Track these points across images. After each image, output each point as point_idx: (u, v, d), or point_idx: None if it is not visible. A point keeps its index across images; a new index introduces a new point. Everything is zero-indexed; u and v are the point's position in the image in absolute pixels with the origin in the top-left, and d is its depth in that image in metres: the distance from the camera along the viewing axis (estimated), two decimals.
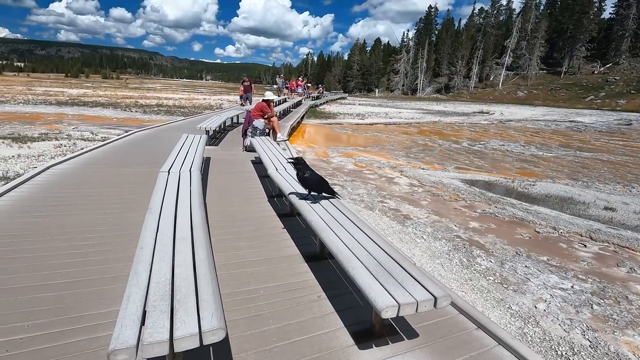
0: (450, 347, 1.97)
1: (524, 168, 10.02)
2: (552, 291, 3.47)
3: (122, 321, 1.36)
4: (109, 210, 3.59)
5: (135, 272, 1.71)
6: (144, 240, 2.07)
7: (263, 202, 4.20)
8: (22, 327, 1.89)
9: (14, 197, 3.80)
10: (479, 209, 5.91)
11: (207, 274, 1.73)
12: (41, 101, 20.43)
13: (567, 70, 53.49)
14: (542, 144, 14.68)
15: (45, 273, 2.39)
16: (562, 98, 47.74)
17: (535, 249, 4.46)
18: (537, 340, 2.76)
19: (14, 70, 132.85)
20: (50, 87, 37.73)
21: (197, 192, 3.03)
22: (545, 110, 35.36)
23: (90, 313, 2.04)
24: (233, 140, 8.48)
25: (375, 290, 1.70)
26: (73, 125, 12.22)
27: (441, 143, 13.82)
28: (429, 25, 69.28)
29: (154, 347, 1.28)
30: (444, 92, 60.71)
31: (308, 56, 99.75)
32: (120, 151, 6.61)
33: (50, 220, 3.25)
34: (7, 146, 7.91)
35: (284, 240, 3.21)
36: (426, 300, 1.68)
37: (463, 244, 4.47)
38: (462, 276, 3.68)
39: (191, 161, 4.19)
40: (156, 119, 14.72)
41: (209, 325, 1.38)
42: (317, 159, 9.47)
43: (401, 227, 4.93)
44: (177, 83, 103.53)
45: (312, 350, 1.88)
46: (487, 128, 20.15)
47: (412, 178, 7.86)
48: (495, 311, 3.11)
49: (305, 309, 2.23)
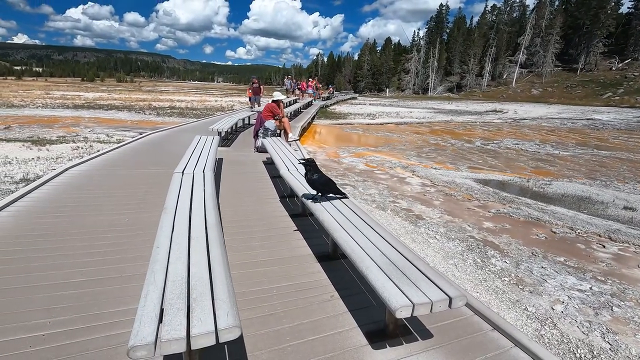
0: (466, 348, 1.95)
1: (539, 167, 9.83)
2: (569, 292, 3.40)
3: (140, 318, 1.39)
4: (124, 211, 3.67)
5: (152, 270, 1.74)
6: (160, 240, 2.11)
7: (275, 203, 4.23)
8: (44, 324, 1.95)
9: (35, 197, 3.92)
10: (493, 208, 5.82)
11: (222, 273, 1.75)
12: (59, 105, 20.98)
13: (583, 66, 52.19)
14: (558, 143, 14.37)
15: (66, 271, 2.46)
16: (578, 95, 46.59)
17: (551, 250, 4.37)
18: (555, 342, 2.71)
19: (33, 75, 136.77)
20: (67, 91, 38.71)
21: (210, 193, 3.07)
22: (561, 108, 34.58)
23: (109, 311, 2.09)
24: (245, 142, 8.56)
25: (389, 290, 1.70)
26: (89, 127, 12.52)
27: (453, 142, 13.65)
28: (440, 23, 68.54)
29: (172, 344, 1.31)
30: (456, 91, 59.95)
31: (318, 57, 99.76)
32: (135, 153, 6.74)
33: (70, 221, 3.34)
34: (27, 149, 8.15)
35: (296, 240, 3.23)
36: (441, 301, 1.67)
37: (477, 244, 4.41)
38: (477, 277, 3.63)
39: (204, 162, 4.24)
40: (169, 121, 14.95)
41: (224, 323, 1.40)
42: (328, 159, 9.47)
43: (413, 227, 4.89)
44: (189, 85, 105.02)
45: (325, 350, 1.89)
46: (501, 127, 19.83)
47: (424, 178, 7.79)
48: (511, 312, 3.06)
49: (318, 309, 2.23)
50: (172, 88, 66.76)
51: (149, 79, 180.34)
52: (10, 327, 1.90)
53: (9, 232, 3.03)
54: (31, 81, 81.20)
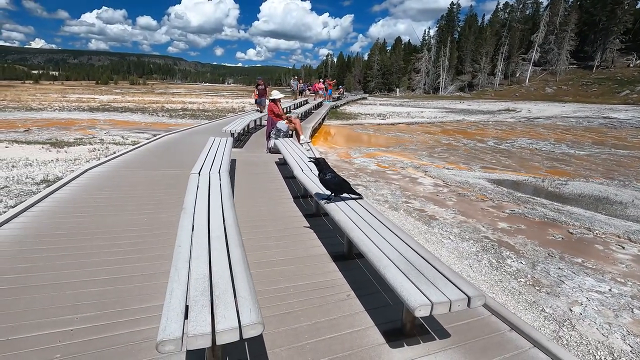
0: (484, 348, 1.95)
1: (554, 167, 9.66)
2: (588, 294, 3.34)
3: (167, 314, 1.44)
4: (143, 211, 3.76)
5: (176, 268, 1.80)
6: (181, 238, 2.16)
7: (289, 203, 4.27)
8: (72, 320, 2.02)
9: (57, 198, 4.05)
10: (508, 209, 5.76)
11: (242, 272, 1.80)
12: (75, 107, 21.49)
13: (599, 64, 50.98)
14: (574, 142, 14.09)
15: (90, 269, 2.54)
16: (594, 93, 45.53)
17: (568, 251, 4.30)
18: (574, 344, 2.67)
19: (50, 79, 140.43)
20: (83, 94, 39.60)
21: (227, 194, 3.12)
22: (576, 107, 33.85)
23: (132, 308, 2.15)
24: (257, 143, 8.64)
25: (408, 289, 1.71)
26: (105, 130, 12.80)
27: (466, 142, 13.51)
28: (451, 22, 67.80)
29: (198, 339, 1.35)
30: (467, 90, 59.22)
31: (328, 57, 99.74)
32: (150, 154, 6.88)
33: (91, 220, 3.44)
34: (47, 151, 8.38)
35: (311, 239, 3.26)
36: (459, 300, 1.68)
37: (492, 245, 4.37)
38: (492, 277, 3.61)
39: (219, 163, 4.31)
40: (182, 123, 15.18)
41: (248, 319, 1.43)
42: (339, 159, 9.49)
43: (427, 228, 4.87)
44: (200, 87, 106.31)
45: (343, 348, 1.91)
46: (514, 126, 19.53)
47: (436, 178, 7.75)
48: (528, 314, 3.03)
49: (334, 308, 2.26)
50: (184, 90, 67.68)
51: (161, 82, 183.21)
52: (41, 323, 1.98)
53: (33, 232, 3.14)
54: (48, 85, 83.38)
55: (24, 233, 3.10)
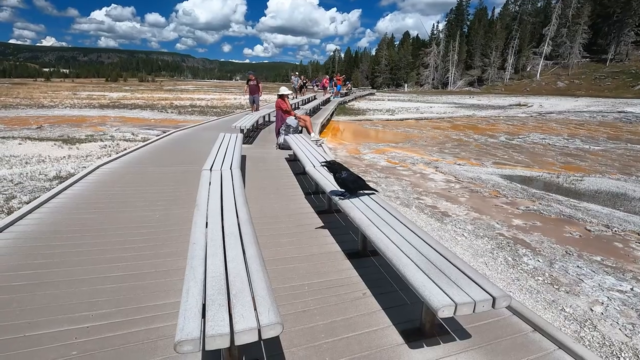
0: (506, 349, 1.89)
1: (569, 162, 9.45)
2: (609, 293, 3.25)
3: (184, 313, 1.41)
4: (155, 207, 3.75)
5: (191, 266, 1.77)
6: (195, 236, 2.13)
7: (300, 199, 4.23)
8: (87, 316, 2.01)
9: (70, 194, 4.07)
10: (522, 205, 5.64)
11: (259, 270, 1.76)
12: (85, 105, 21.72)
13: (613, 57, 49.74)
14: (588, 137, 13.78)
15: (104, 266, 2.54)
16: (607, 87, 44.50)
17: (587, 249, 4.19)
18: (596, 345, 2.60)
19: (60, 76, 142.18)
20: (93, 91, 40.01)
21: (240, 190, 3.09)
22: (590, 101, 33.14)
23: (147, 305, 2.14)
24: (266, 139, 8.61)
25: (430, 289, 1.66)
26: (115, 126, 12.90)
27: (476, 138, 13.31)
28: (461, 16, 66.77)
29: (216, 339, 1.32)
30: (477, 85, 58.37)
31: (335, 53, 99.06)
32: (160, 151, 6.89)
33: (104, 217, 3.45)
34: (59, 147, 8.47)
35: (324, 237, 3.21)
36: (484, 301, 1.62)
37: (507, 242, 4.28)
38: (509, 276, 3.53)
39: (230, 159, 4.28)
40: (191, 119, 15.22)
41: (266, 320, 1.40)
42: (348, 155, 9.41)
43: (440, 225, 4.79)
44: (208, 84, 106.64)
45: (361, 348, 1.87)
46: (526, 121, 19.18)
47: (447, 174, 7.63)
48: (547, 313, 2.95)
49: (351, 306, 2.22)
50: (192, 87, 67.95)
51: (170, 78, 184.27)
52: (57, 319, 1.98)
53: (48, 228, 3.16)
54: (59, 82, 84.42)
55: (39, 229, 3.11)
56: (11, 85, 53.29)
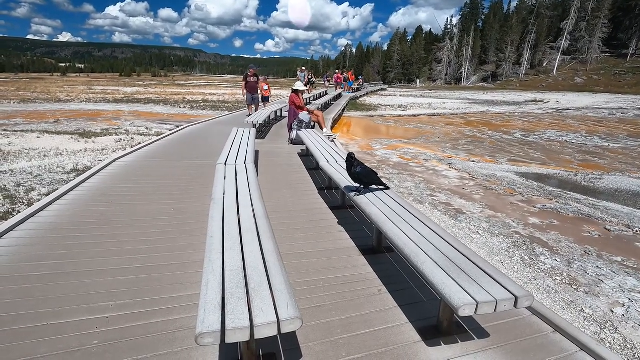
0: (526, 350, 1.85)
1: (587, 160, 9.21)
2: (630, 295, 3.16)
3: (204, 306, 1.42)
4: (171, 201, 3.79)
5: (210, 260, 1.78)
6: (213, 229, 2.15)
7: (314, 194, 4.23)
8: (107, 307, 2.05)
9: (88, 187, 4.14)
10: (539, 204, 5.53)
11: (276, 264, 1.76)
12: (100, 99, 22.08)
13: (634, 52, 48.17)
14: (607, 134, 13.40)
15: (123, 258, 2.58)
16: (628, 83, 43.14)
17: (606, 248, 4.08)
18: (617, 347, 2.53)
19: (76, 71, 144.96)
20: (107, 86, 40.64)
21: (255, 185, 3.10)
22: (609, 97, 32.21)
23: (165, 297, 2.16)
24: (278, 134, 8.62)
25: (450, 287, 1.63)
26: (129, 121, 13.08)
27: (491, 134, 13.08)
28: (475, 10, 65.46)
29: (236, 332, 1.32)
30: (491, 80, 57.26)
31: (347, 48, 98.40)
32: (174, 145, 6.96)
33: (121, 209, 3.50)
34: (75, 141, 8.63)
35: (338, 232, 3.20)
36: (506, 300, 1.58)
37: (523, 241, 4.20)
38: (525, 275, 3.46)
39: (244, 154, 4.30)
40: (203, 114, 15.33)
41: (286, 314, 1.40)
42: (360, 151, 9.35)
43: (454, 222, 4.73)
44: (220, 79, 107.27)
45: (377, 345, 1.86)
46: (542, 118, 18.76)
47: (461, 171, 7.52)
48: (566, 314, 2.89)
49: (366, 302, 2.20)
50: (204, 82, 68.42)
51: (182, 74, 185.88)
52: (78, 309, 2.02)
53: (67, 219, 3.22)
54: (75, 77, 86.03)
55: (59, 220, 3.18)
56: (29, 80, 54.52)
